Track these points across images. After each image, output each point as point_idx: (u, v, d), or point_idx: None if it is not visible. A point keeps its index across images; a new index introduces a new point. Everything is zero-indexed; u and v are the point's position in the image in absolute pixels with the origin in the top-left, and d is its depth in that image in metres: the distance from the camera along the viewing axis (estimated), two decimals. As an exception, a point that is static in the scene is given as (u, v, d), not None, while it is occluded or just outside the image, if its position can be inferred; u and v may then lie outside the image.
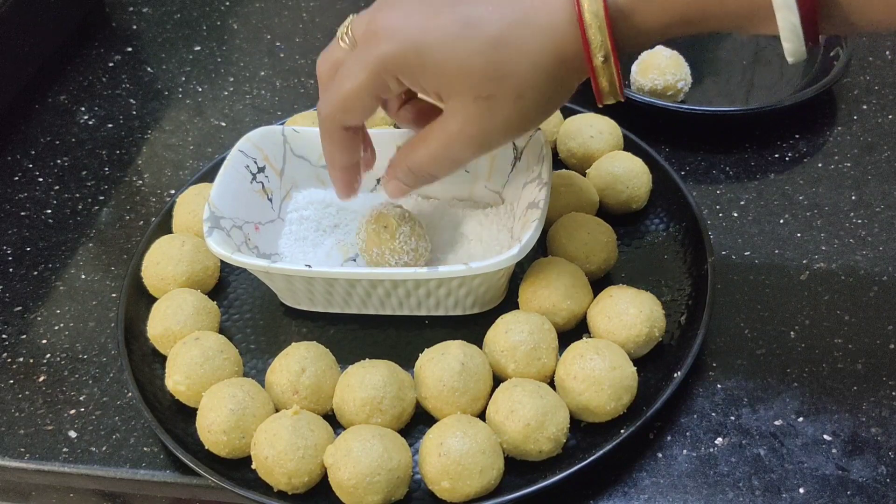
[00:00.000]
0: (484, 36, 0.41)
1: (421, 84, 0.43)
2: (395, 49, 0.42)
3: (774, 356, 0.51)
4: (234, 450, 0.46)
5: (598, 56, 0.41)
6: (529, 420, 0.44)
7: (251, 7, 0.85)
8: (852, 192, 0.60)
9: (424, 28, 0.42)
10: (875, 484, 0.45)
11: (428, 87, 0.43)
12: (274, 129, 0.58)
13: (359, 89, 0.44)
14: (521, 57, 0.41)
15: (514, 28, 0.41)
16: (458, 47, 0.41)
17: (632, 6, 0.40)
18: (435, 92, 0.44)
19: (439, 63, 0.42)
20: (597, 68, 0.41)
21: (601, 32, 0.40)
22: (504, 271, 0.50)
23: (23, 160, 0.70)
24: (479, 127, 0.43)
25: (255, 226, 0.55)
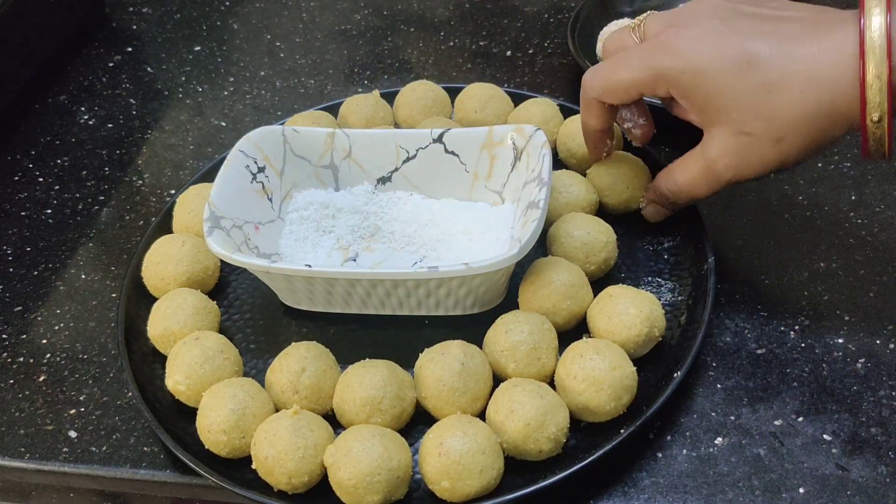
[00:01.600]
0: (760, 77, 0.44)
1: (689, 102, 0.47)
2: (677, 65, 0.46)
3: (774, 356, 0.51)
4: (234, 450, 0.46)
5: (874, 116, 0.42)
6: (529, 420, 0.44)
7: (251, 7, 0.85)
8: (852, 192, 0.60)
9: (710, 56, 0.45)
10: (875, 484, 0.45)
11: (693, 109, 0.47)
12: (274, 129, 0.58)
13: (630, 82, 0.48)
14: (792, 104, 0.43)
15: (792, 77, 0.43)
16: (734, 82, 0.44)
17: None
18: (700, 114, 0.47)
19: (713, 92, 0.45)
20: (868, 127, 0.42)
21: (881, 94, 0.41)
22: (504, 271, 0.50)
23: (23, 160, 0.70)
24: (736, 159, 0.47)
25: (255, 226, 0.55)
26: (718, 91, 0.45)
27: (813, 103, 0.43)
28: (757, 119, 0.45)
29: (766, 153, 0.46)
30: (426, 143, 0.57)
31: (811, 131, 0.44)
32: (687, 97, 0.47)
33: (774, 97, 0.44)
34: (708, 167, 0.48)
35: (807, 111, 0.43)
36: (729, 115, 0.45)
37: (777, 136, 0.45)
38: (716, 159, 0.47)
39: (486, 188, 0.58)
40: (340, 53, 0.78)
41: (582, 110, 0.53)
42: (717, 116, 0.46)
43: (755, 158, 0.46)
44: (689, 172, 0.49)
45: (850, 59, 0.42)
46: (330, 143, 0.58)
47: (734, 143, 0.46)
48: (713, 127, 0.47)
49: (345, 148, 0.58)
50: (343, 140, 0.58)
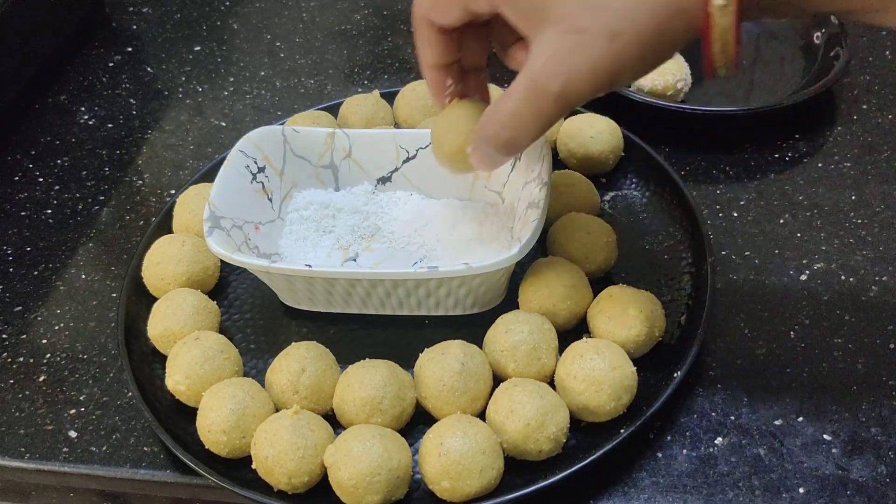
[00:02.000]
0: None
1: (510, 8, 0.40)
2: None
3: (774, 356, 0.51)
4: (234, 450, 0.46)
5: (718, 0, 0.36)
6: (529, 420, 0.44)
7: (251, 7, 0.85)
8: (852, 192, 0.60)
9: None
10: (875, 484, 0.45)
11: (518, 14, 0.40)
12: (274, 129, 0.58)
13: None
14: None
15: None
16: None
17: None
18: (524, 21, 0.40)
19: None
20: (712, 14, 0.36)
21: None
22: (504, 271, 0.50)
23: (23, 160, 0.70)
24: (564, 65, 0.38)
25: (256, 226, 0.55)
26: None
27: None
28: (588, 11, 0.37)
29: (599, 54, 0.38)
30: (426, 142, 0.57)
31: (650, 23, 0.37)
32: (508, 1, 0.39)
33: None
34: (533, 83, 0.39)
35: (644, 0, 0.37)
36: (558, 13, 0.38)
37: (612, 29, 0.37)
38: (541, 71, 0.39)
39: (486, 188, 0.58)
40: (340, 53, 0.78)
41: (416, 43, 0.46)
42: (543, 17, 0.38)
43: (586, 62, 0.38)
44: (511, 101, 0.41)
45: None
46: (330, 143, 0.58)
47: (563, 45, 0.38)
48: (540, 32, 0.39)
49: (345, 148, 0.58)
50: (343, 140, 0.58)
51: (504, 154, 0.44)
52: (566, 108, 0.40)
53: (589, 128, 0.60)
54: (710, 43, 0.37)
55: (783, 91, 0.68)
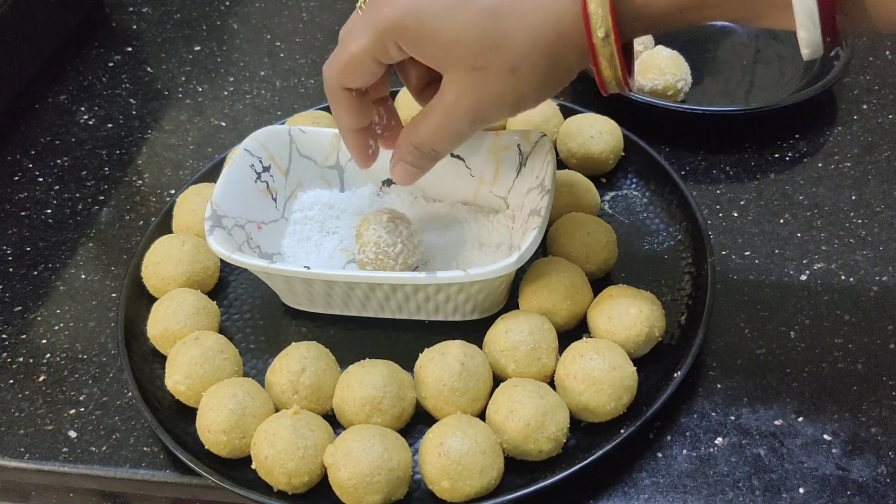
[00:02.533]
0: (480, 6, 0.41)
1: (420, 52, 0.43)
2: (396, 14, 0.42)
3: (774, 356, 0.51)
4: (234, 450, 0.46)
5: (599, 32, 0.39)
6: (529, 420, 0.44)
7: (251, 7, 0.85)
8: (852, 192, 0.60)
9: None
10: (875, 484, 0.45)
11: (426, 56, 0.43)
12: (280, 128, 0.58)
13: (360, 52, 0.44)
14: (519, 28, 0.41)
15: (514, 2, 0.41)
16: (455, 16, 0.41)
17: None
18: (433, 61, 0.43)
19: (437, 31, 0.42)
20: (596, 45, 0.40)
21: (602, 7, 0.39)
22: (503, 279, 0.50)
23: (23, 160, 0.70)
24: (473, 98, 0.43)
25: (258, 225, 0.55)
26: (444, 28, 0.41)
27: (539, 25, 0.40)
28: (486, 50, 0.41)
29: (501, 87, 0.42)
30: None
31: (544, 57, 0.41)
32: (416, 45, 0.43)
33: (500, 24, 0.41)
34: (447, 112, 0.44)
35: (535, 34, 0.41)
36: (460, 54, 0.42)
37: (510, 66, 0.41)
38: (453, 102, 0.44)
39: (490, 193, 0.57)
40: (340, 53, 0.78)
41: (331, 107, 0.49)
42: (449, 57, 0.42)
43: (491, 95, 0.43)
44: (430, 122, 0.45)
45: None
46: (336, 143, 0.58)
47: (469, 81, 0.42)
48: (448, 69, 0.43)
49: None
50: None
51: (426, 162, 0.48)
52: (478, 129, 0.46)
53: (589, 128, 0.60)
54: (600, 69, 0.41)
55: (783, 91, 0.68)
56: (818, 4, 0.36)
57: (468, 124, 0.45)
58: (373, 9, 0.43)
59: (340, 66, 0.46)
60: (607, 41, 0.40)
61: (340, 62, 0.46)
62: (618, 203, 0.60)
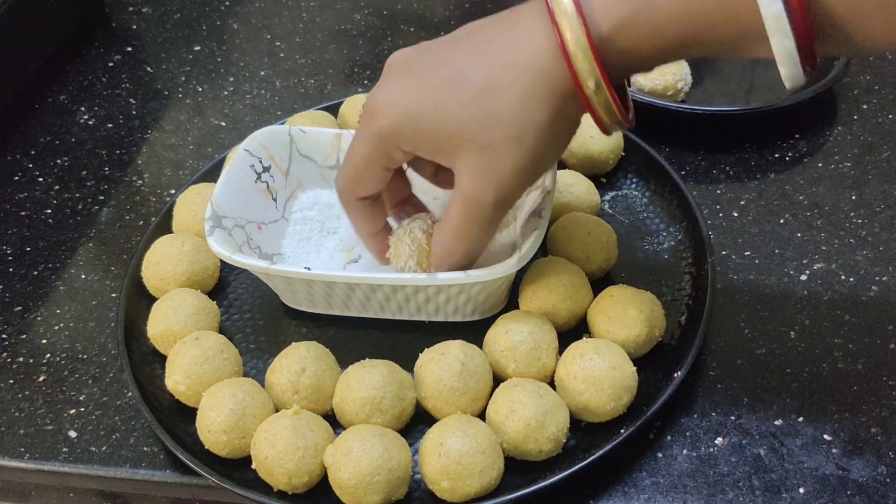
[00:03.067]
0: (469, 88, 0.41)
1: (423, 150, 0.44)
2: (390, 121, 0.43)
3: (774, 356, 0.51)
4: (234, 450, 0.46)
5: (589, 84, 0.40)
6: (529, 420, 0.44)
7: (251, 7, 0.85)
8: (852, 192, 0.60)
9: (415, 96, 0.43)
10: (875, 484, 0.45)
11: (431, 152, 0.44)
12: (280, 128, 0.58)
13: (364, 163, 0.46)
14: (511, 98, 0.41)
15: (499, 73, 0.41)
16: (447, 105, 0.42)
17: (616, 32, 0.39)
18: (439, 156, 0.44)
19: (433, 126, 0.42)
20: (590, 98, 0.40)
21: (588, 61, 0.39)
22: (504, 280, 0.50)
23: (23, 160, 0.70)
24: (488, 178, 0.43)
25: (258, 225, 0.55)
26: (438, 121, 0.42)
27: (531, 90, 0.41)
28: (487, 128, 0.41)
29: (514, 158, 0.42)
30: None
31: (545, 117, 0.41)
32: (419, 144, 0.44)
33: (493, 99, 0.41)
34: (468, 201, 0.44)
35: (529, 98, 0.41)
36: (462, 139, 0.42)
37: (515, 135, 0.41)
38: (471, 188, 0.43)
39: None
40: (340, 53, 0.78)
41: (347, 216, 0.50)
42: (454, 147, 0.43)
43: (507, 168, 0.42)
44: (453, 219, 0.45)
45: (548, 33, 0.40)
46: (336, 144, 0.58)
47: (480, 162, 0.42)
48: (455, 160, 0.43)
49: None
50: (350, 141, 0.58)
51: (464, 265, 0.48)
52: (505, 210, 0.45)
53: (589, 128, 0.60)
54: (597, 116, 0.41)
55: (783, 91, 0.68)
56: (796, 44, 0.36)
57: (491, 207, 0.44)
58: (367, 121, 0.44)
59: (348, 178, 0.47)
60: (599, 90, 0.40)
61: (347, 175, 0.47)
62: (618, 203, 0.60)
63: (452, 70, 0.42)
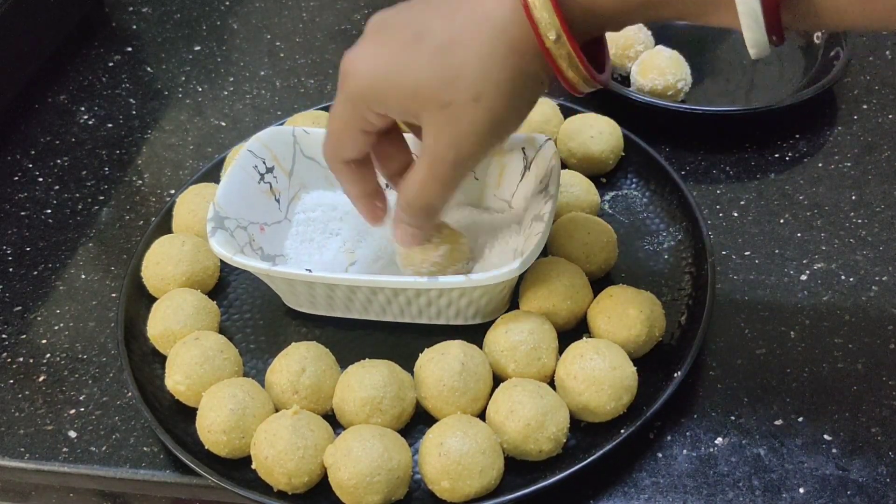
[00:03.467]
0: (431, 44, 0.41)
1: (392, 110, 0.44)
2: (361, 83, 0.43)
3: (774, 356, 0.51)
4: (234, 450, 0.46)
5: (550, 35, 0.38)
6: (529, 420, 0.44)
7: (251, 7, 0.85)
8: (852, 192, 0.60)
9: (380, 56, 0.42)
10: (875, 484, 0.45)
11: (398, 111, 0.44)
12: (284, 129, 0.58)
13: (343, 126, 0.46)
14: (469, 54, 0.40)
15: (461, 29, 0.40)
16: (410, 63, 0.41)
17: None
18: (405, 114, 0.44)
19: (399, 84, 0.42)
20: (550, 49, 0.39)
21: (547, 10, 0.38)
22: (506, 283, 0.50)
23: (23, 160, 0.70)
24: (449, 137, 0.42)
25: (261, 226, 0.55)
26: (402, 79, 0.42)
27: (489, 45, 0.40)
28: (447, 86, 0.41)
29: (472, 117, 0.41)
30: None
31: (505, 75, 0.40)
32: (386, 104, 0.43)
33: (452, 55, 0.40)
34: (430, 158, 0.44)
35: (488, 54, 0.40)
36: (424, 98, 0.41)
37: (472, 93, 0.40)
38: (433, 146, 0.43)
39: (495, 197, 0.57)
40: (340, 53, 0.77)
41: (339, 182, 0.50)
42: (417, 105, 0.42)
43: (466, 128, 0.42)
44: (415, 174, 0.45)
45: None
46: None
47: (441, 121, 0.42)
48: (420, 117, 0.43)
49: None
50: None
51: (422, 219, 0.48)
52: (464, 170, 0.44)
53: (589, 128, 0.60)
54: (561, 71, 0.40)
55: (783, 91, 0.68)
56: (761, 4, 0.35)
57: (451, 166, 0.44)
58: (342, 84, 0.44)
59: (331, 142, 0.47)
60: (560, 42, 0.39)
61: (330, 139, 0.47)
62: (618, 203, 0.60)
63: (417, 28, 0.41)
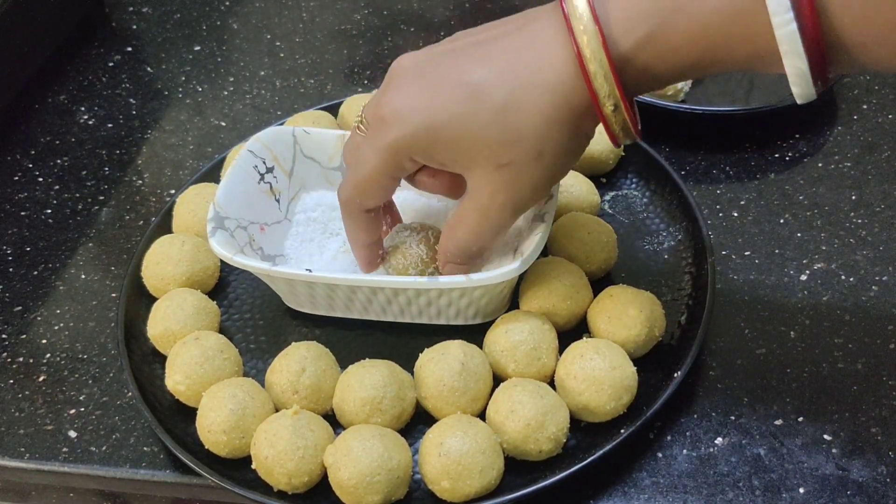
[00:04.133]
0: (491, 104, 0.41)
1: (439, 161, 0.44)
2: (405, 132, 0.43)
3: (774, 356, 0.51)
4: (234, 450, 0.46)
5: (608, 105, 0.40)
6: (529, 420, 0.44)
7: (251, 7, 0.85)
8: (852, 192, 0.60)
9: (432, 107, 0.42)
10: (875, 484, 0.45)
11: (447, 164, 0.44)
12: (284, 129, 0.58)
13: (374, 174, 0.45)
14: (533, 118, 0.41)
15: (521, 91, 0.41)
16: (468, 120, 0.42)
17: (634, 52, 0.39)
18: (455, 167, 0.44)
19: (453, 139, 0.42)
20: (608, 116, 0.41)
21: (608, 82, 0.39)
22: (506, 283, 0.50)
23: (23, 160, 0.70)
24: (507, 194, 0.44)
25: (261, 227, 0.55)
26: (458, 135, 0.42)
27: (551, 110, 0.41)
28: (507, 146, 0.42)
29: (532, 174, 0.43)
30: None
31: (563, 135, 0.42)
32: (432, 156, 0.44)
33: (514, 117, 0.41)
34: (484, 213, 0.45)
35: (550, 119, 0.41)
36: (480, 154, 0.42)
37: (535, 153, 0.42)
38: (488, 202, 0.44)
39: None
40: (340, 53, 0.78)
41: (346, 225, 0.50)
42: (470, 160, 0.43)
43: (525, 184, 0.43)
44: (468, 225, 0.46)
45: (569, 53, 0.40)
46: (341, 145, 0.58)
47: (499, 179, 0.43)
48: (472, 172, 0.44)
49: None
50: None
51: (473, 260, 0.49)
52: (518, 216, 0.47)
53: (589, 128, 0.60)
54: (613, 133, 0.42)
55: (783, 91, 0.68)
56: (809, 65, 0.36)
57: (508, 217, 0.46)
58: (379, 131, 0.44)
59: (356, 189, 0.47)
60: (618, 111, 0.40)
61: (356, 185, 0.47)
62: (618, 203, 0.60)
63: (471, 83, 0.42)
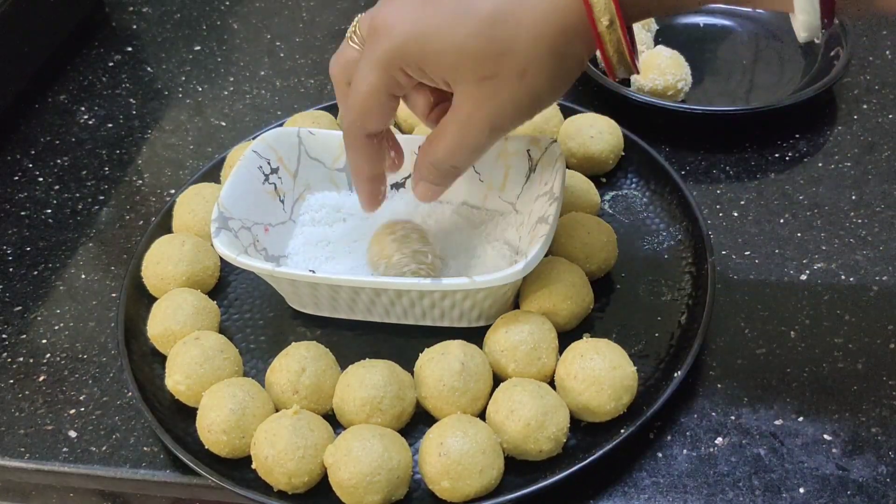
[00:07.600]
0: (479, 15, 0.40)
1: (426, 73, 0.43)
2: (396, 42, 0.42)
3: (774, 356, 0.51)
4: (234, 450, 0.46)
5: (603, 20, 0.38)
6: (529, 420, 0.44)
7: (251, 7, 0.85)
8: (852, 192, 0.60)
9: (421, 17, 0.41)
10: (875, 484, 0.45)
11: (433, 76, 0.43)
12: (289, 130, 0.58)
13: (373, 90, 0.44)
14: (521, 31, 0.40)
15: (511, 2, 0.40)
16: (454, 30, 0.40)
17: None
18: (441, 80, 0.43)
19: (439, 49, 0.41)
20: (602, 34, 0.39)
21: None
22: (510, 286, 0.49)
23: (23, 160, 0.70)
24: (487, 109, 0.42)
25: (265, 227, 0.55)
26: (443, 45, 0.41)
27: (542, 23, 0.39)
28: (493, 58, 0.40)
29: (514, 92, 0.41)
30: None
31: (551, 55, 0.40)
32: (423, 68, 0.42)
33: (503, 29, 0.40)
34: (463, 127, 0.43)
35: (539, 33, 0.39)
36: (466, 66, 0.41)
37: (519, 69, 0.40)
38: (468, 116, 0.43)
39: (499, 198, 0.57)
40: (340, 53, 0.78)
41: (350, 156, 0.49)
42: (457, 72, 0.41)
43: (506, 101, 0.42)
44: (445, 140, 0.44)
45: None
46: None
47: (480, 93, 0.42)
48: (458, 84, 0.42)
49: None
50: None
51: (447, 179, 0.48)
52: (495, 140, 0.45)
53: (589, 128, 0.60)
54: (607, 56, 0.41)
55: (783, 91, 0.68)
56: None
57: (486, 136, 0.44)
58: (373, 43, 0.43)
59: (358, 110, 0.45)
60: (612, 28, 0.39)
61: (356, 106, 0.45)
62: (618, 203, 0.60)
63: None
